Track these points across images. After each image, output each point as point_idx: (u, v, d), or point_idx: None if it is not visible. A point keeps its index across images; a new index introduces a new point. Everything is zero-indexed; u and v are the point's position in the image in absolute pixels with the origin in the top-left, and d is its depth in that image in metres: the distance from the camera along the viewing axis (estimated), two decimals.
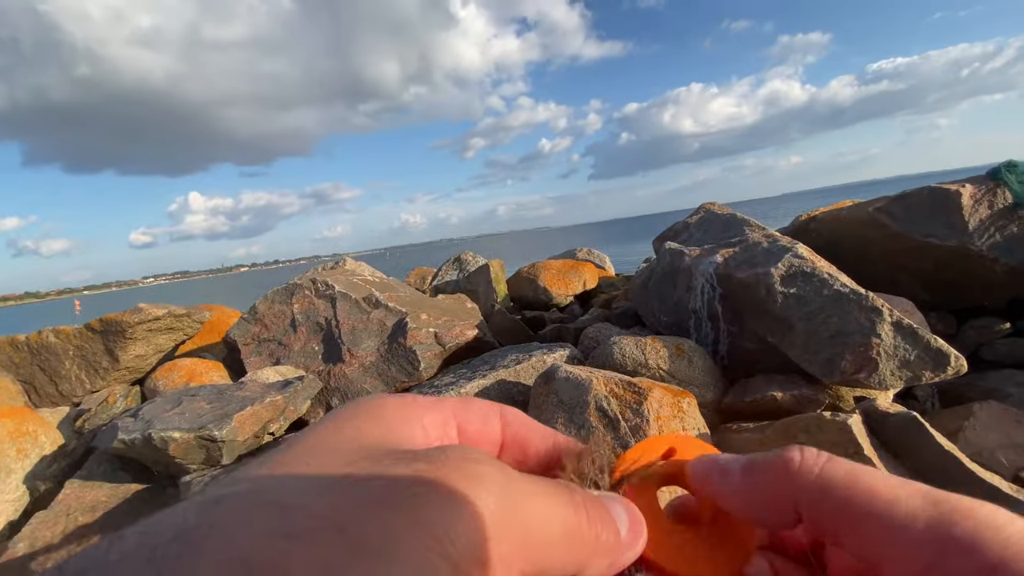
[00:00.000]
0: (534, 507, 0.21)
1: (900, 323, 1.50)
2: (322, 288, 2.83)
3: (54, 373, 3.11)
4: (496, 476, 0.20)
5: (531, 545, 0.20)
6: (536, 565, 0.20)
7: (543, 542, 0.20)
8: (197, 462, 1.68)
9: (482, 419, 0.27)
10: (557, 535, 0.21)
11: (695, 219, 3.12)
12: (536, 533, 0.20)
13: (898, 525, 0.20)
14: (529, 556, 0.20)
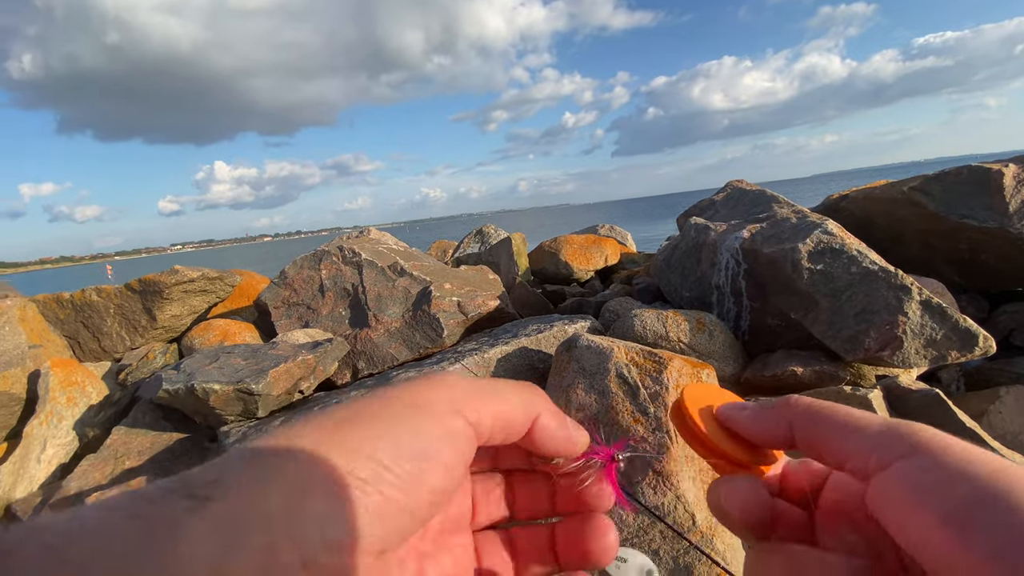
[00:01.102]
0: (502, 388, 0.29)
1: (929, 302, 1.49)
2: (349, 255, 2.90)
3: (96, 330, 3.27)
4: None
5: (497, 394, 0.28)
6: (502, 410, 0.28)
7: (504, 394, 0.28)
8: (235, 413, 1.78)
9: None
10: (511, 391, 0.29)
11: (721, 196, 3.08)
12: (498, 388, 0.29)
13: (856, 428, 0.26)
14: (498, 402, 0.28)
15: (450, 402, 0.26)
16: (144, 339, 3.25)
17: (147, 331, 3.22)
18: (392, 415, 0.24)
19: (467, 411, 0.26)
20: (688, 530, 1.22)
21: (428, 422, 0.25)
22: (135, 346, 3.26)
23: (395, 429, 0.23)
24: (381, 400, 0.25)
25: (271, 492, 0.19)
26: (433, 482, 0.24)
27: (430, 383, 0.27)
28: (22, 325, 2.86)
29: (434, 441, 0.24)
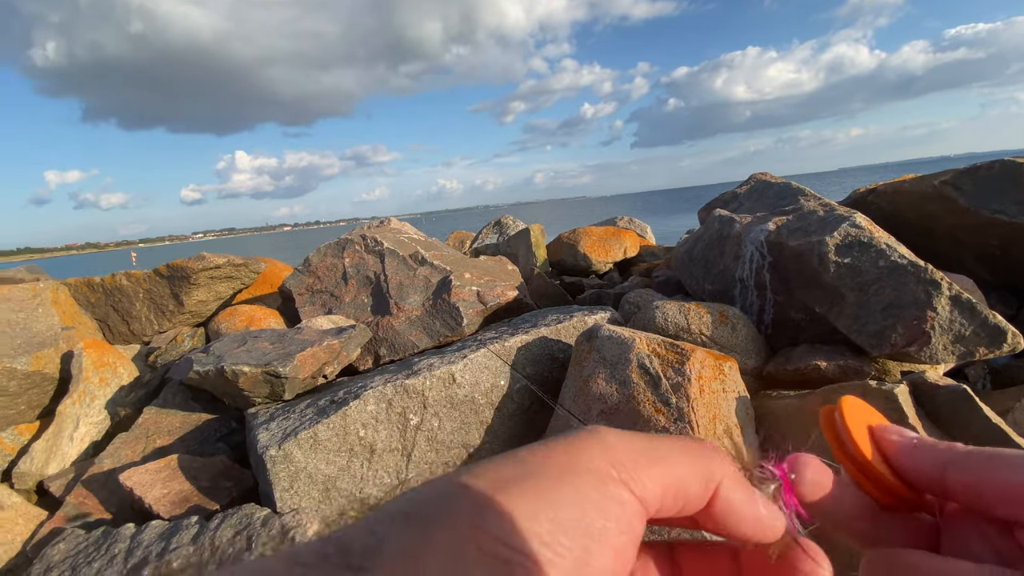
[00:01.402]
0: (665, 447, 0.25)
1: (959, 297, 1.46)
2: (371, 244, 2.93)
3: (126, 313, 3.37)
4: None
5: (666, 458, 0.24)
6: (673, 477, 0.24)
7: (674, 457, 0.24)
8: (262, 396, 1.82)
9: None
10: (680, 452, 0.25)
11: (745, 189, 3.05)
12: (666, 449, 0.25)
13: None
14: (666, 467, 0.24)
15: (612, 467, 0.23)
16: (171, 323, 3.33)
17: (174, 315, 3.31)
18: (549, 477, 0.21)
19: (632, 481, 0.22)
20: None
21: (590, 492, 0.21)
22: (163, 330, 3.35)
23: (553, 497, 0.21)
24: (535, 459, 0.22)
25: (431, 561, 0.18)
26: (600, 565, 0.21)
27: (587, 438, 0.23)
28: (55, 307, 2.95)
29: (598, 517, 0.21)
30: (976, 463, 0.25)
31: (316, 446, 1.52)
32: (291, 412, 1.66)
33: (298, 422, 1.58)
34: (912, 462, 0.27)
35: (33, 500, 2.20)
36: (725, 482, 0.25)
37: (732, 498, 0.25)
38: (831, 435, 0.29)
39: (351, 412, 1.58)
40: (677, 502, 0.24)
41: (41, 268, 5.00)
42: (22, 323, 2.77)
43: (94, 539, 1.55)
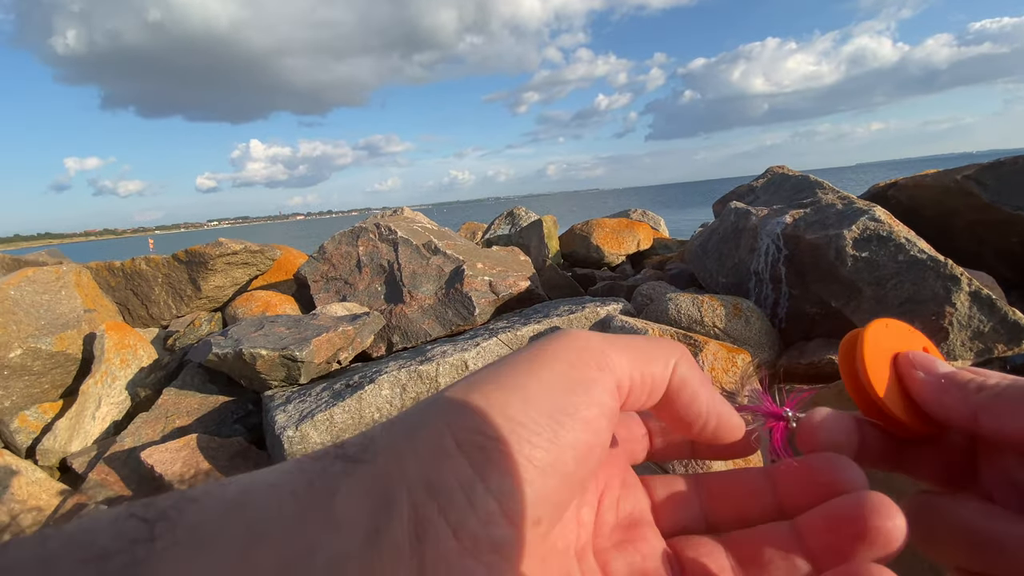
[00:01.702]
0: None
1: (978, 293, 1.45)
2: (385, 232, 2.96)
3: (145, 297, 3.44)
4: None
5: (631, 347, 0.25)
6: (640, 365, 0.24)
7: (639, 347, 0.25)
8: (278, 379, 1.86)
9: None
10: (644, 344, 0.25)
11: (761, 182, 3.01)
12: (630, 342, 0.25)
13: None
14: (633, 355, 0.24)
15: (581, 351, 0.23)
16: (189, 308, 3.40)
17: (192, 300, 3.37)
18: (520, 370, 0.22)
19: (601, 358, 0.23)
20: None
21: (559, 373, 0.22)
22: (180, 314, 3.41)
23: (521, 381, 0.21)
24: (510, 359, 0.23)
25: (410, 460, 0.19)
26: (576, 439, 0.21)
27: (558, 335, 0.24)
28: (78, 290, 3.02)
29: (570, 394, 0.22)
30: (1010, 406, 0.23)
31: (332, 428, 1.55)
32: (307, 395, 1.69)
33: (314, 405, 1.61)
34: (939, 403, 0.25)
35: (56, 476, 2.27)
36: (681, 361, 0.25)
37: (688, 375, 0.25)
38: (846, 364, 0.27)
39: (366, 396, 1.61)
40: (644, 383, 0.24)
41: (62, 252, 5.10)
42: (46, 305, 2.84)
43: None
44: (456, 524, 0.18)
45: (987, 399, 0.24)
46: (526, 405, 0.21)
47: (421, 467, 0.19)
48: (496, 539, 0.19)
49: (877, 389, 0.25)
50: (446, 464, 0.19)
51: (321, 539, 0.16)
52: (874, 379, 0.25)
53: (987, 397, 0.24)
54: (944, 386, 0.25)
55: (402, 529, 0.17)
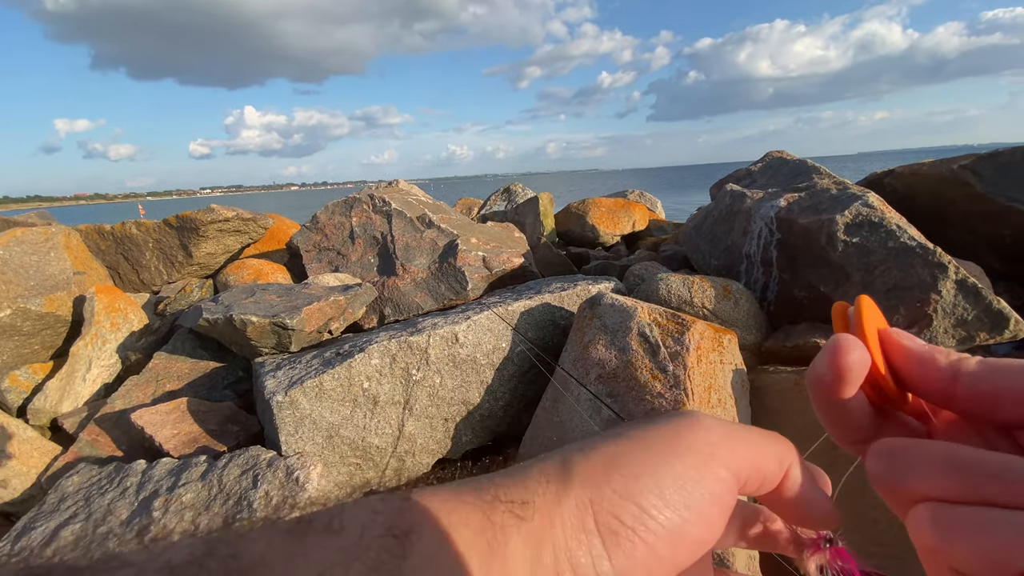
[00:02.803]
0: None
1: (964, 281, 1.46)
2: (379, 204, 2.93)
3: (135, 262, 3.41)
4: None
5: (750, 441, 0.27)
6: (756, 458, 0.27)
7: (757, 441, 0.28)
8: (269, 346, 1.87)
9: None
10: (760, 438, 0.28)
11: (759, 166, 3.00)
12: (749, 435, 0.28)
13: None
14: (750, 448, 0.27)
15: (709, 446, 0.26)
16: (180, 274, 3.38)
17: (183, 267, 3.35)
18: (655, 456, 0.25)
19: (727, 459, 0.26)
20: None
21: (690, 469, 0.25)
22: (171, 280, 3.39)
23: (658, 473, 0.25)
24: (645, 438, 0.26)
25: (559, 527, 0.24)
26: (696, 535, 0.24)
27: (690, 423, 0.27)
28: (67, 252, 2.99)
29: (696, 491, 0.25)
30: (990, 372, 0.25)
31: (321, 395, 1.56)
32: (297, 362, 1.70)
33: (304, 371, 1.62)
34: (923, 369, 0.27)
35: (47, 436, 2.29)
36: (793, 466, 0.28)
37: (798, 477, 0.28)
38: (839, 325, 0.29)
39: (356, 364, 1.62)
40: (757, 479, 0.27)
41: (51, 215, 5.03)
42: (35, 266, 2.81)
43: (107, 473, 1.62)
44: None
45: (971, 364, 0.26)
46: (659, 499, 0.24)
47: (565, 536, 0.23)
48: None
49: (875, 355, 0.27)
50: (583, 539, 0.23)
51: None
52: (872, 346, 0.27)
53: (971, 363, 0.26)
54: (930, 353, 0.27)
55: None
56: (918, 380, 0.27)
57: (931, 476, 0.24)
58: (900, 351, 0.28)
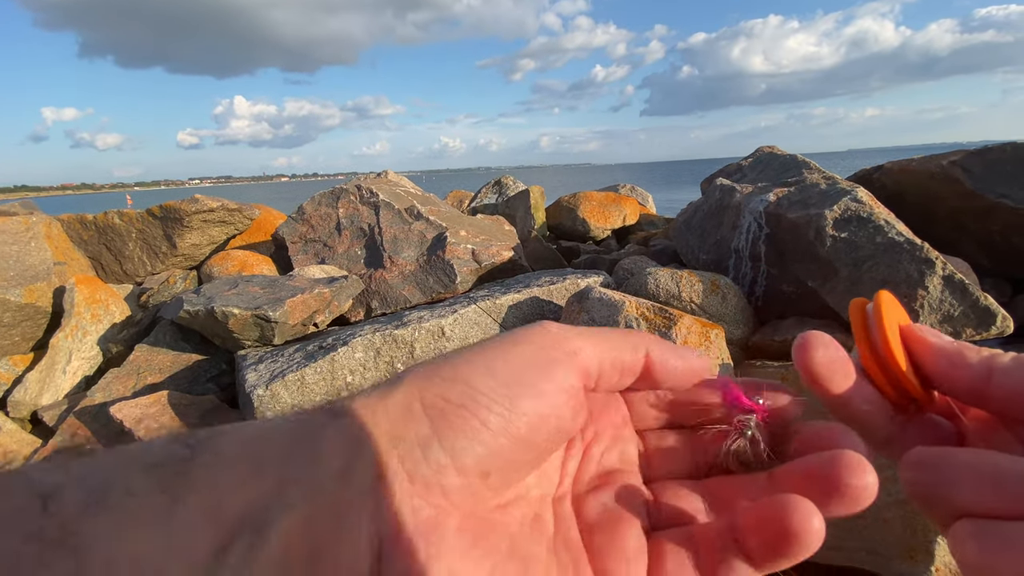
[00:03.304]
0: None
1: (951, 277, 1.46)
2: (367, 195, 2.89)
3: (118, 253, 3.35)
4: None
5: (596, 334, 0.27)
6: (605, 349, 0.27)
7: (602, 334, 0.28)
8: (252, 339, 1.83)
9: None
10: (609, 332, 0.28)
11: (749, 161, 2.99)
12: (594, 331, 0.28)
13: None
14: (596, 341, 0.27)
15: (550, 337, 0.26)
16: (164, 265, 3.32)
17: (167, 257, 3.29)
18: (490, 349, 0.25)
19: (567, 342, 0.26)
20: None
21: (524, 354, 0.25)
22: (155, 271, 3.34)
23: (488, 358, 0.24)
24: (484, 341, 0.26)
25: (381, 417, 0.23)
26: (535, 410, 0.24)
27: (533, 324, 0.27)
28: (47, 242, 2.93)
29: (529, 368, 0.24)
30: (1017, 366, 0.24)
31: (303, 388, 1.54)
32: (280, 355, 1.67)
33: (286, 365, 1.59)
34: (952, 366, 0.26)
35: (27, 428, 2.25)
36: (653, 346, 0.28)
37: (663, 357, 0.27)
38: (860, 331, 0.27)
39: (339, 358, 1.59)
40: (615, 368, 0.27)
41: (35, 204, 4.93)
42: (15, 256, 2.75)
43: None
44: (411, 471, 0.22)
45: (1003, 361, 0.25)
46: (489, 377, 0.24)
47: (389, 423, 0.22)
48: (445, 486, 0.22)
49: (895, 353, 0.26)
50: (410, 422, 0.22)
51: (305, 470, 0.20)
52: (892, 342, 0.26)
53: (1004, 359, 0.25)
54: (959, 350, 0.26)
55: (366, 470, 0.21)
56: (947, 378, 0.26)
57: (974, 491, 0.23)
58: (927, 348, 0.27)
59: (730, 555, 0.23)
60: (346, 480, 0.20)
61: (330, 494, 0.20)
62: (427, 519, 0.21)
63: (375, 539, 0.20)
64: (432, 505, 0.21)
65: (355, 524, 0.20)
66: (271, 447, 0.21)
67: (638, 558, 0.24)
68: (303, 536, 0.19)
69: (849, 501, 0.22)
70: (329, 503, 0.20)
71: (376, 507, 0.20)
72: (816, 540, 0.21)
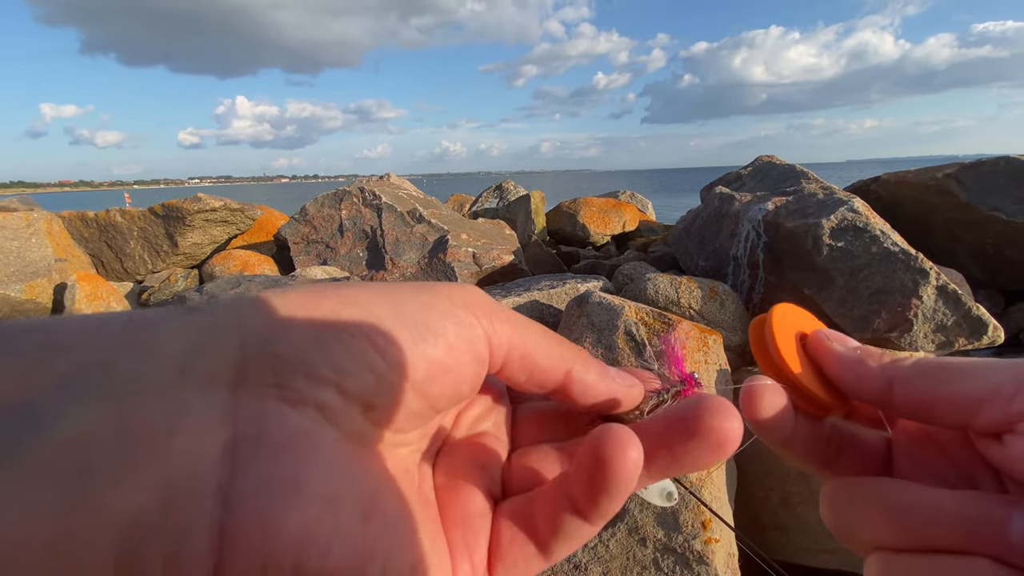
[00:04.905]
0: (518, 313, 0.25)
1: (945, 287, 1.49)
2: (369, 197, 2.91)
3: (119, 251, 3.36)
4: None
5: (511, 316, 0.23)
6: (515, 335, 0.23)
7: (522, 323, 0.23)
8: None
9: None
10: (533, 327, 0.24)
11: (749, 170, 3.03)
12: (515, 315, 0.23)
13: (986, 367, 0.22)
14: (508, 320, 0.23)
15: (471, 299, 0.22)
16: (165, 264, 3.33)
17: (168, 256, 3.30)
18: (403, 289, 0.22)
19: (483, 317, 0.22)
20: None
21: (437, 305, 0.21)
22: (156, 270, 3.35)
23: (395, 296, 0.21)
24: (398, 283, 0.22)
25: (251, 319, 0.18)
26: (431, 352, 0.20)
27: (455, 284, 0.23)
28: (48, 238, 2.94)
29: (440, 318, 0.21)
30: (923, 376, 0.23)
31: None
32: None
33: None
34: (855, 375, 0.25)
35: None
36: (576, 366, 0.24)
37: (585, 378, 0.24)
38: (756, 341, 0.27)
39: None
40: (524, 367, 0.23)
41: (34, 201, 4.94)
42: (16, 251, 2.76)
43: None
44: (283, 377, 0.17)
45: (902, 368, 0.24)
46: (395, 311, 0.20)
47: (263, 327, 0.18)
48: (321, 400, 0.18)
49: (788, 362, 0.25)
50: (293, 331, 0.18)
51: (124, 359, 0.16)
52: (784, 353, 0.25)
53: (902, 367, 0.24)
54: (860, 356, 0.25)
55: (223, 369, 0.17)
56: (852, 388, 0.25)
57: (871, 527, 0.23)
58: (829, 356, 0.26)
59: (561, 511, 0.21)
60: (187, 376, 0.16)
61: (160, 389, 0.16)
62: (299, 427, 0.17)
63: (229, 443, 0.16)
64: (307, 417, 0.18)
65: (196, 424, 0.16)
66: (73, 333, 0.16)
67: (479, 525, 0.23)
68: (110, 433, 0.14)
69: (712, 445, 0.21)
70: (158, 399, 0.15)
71: (231, 410, 0.16)
72: (631, 467, 0.20)
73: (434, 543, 0.21)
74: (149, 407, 0.15)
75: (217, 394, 0.16)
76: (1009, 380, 0.21)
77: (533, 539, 0.22)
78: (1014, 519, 0.20)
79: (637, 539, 1.25)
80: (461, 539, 0.22)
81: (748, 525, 1.60)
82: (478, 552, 0.22)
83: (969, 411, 0.22)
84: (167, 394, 0.16)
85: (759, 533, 1.62)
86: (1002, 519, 0.20)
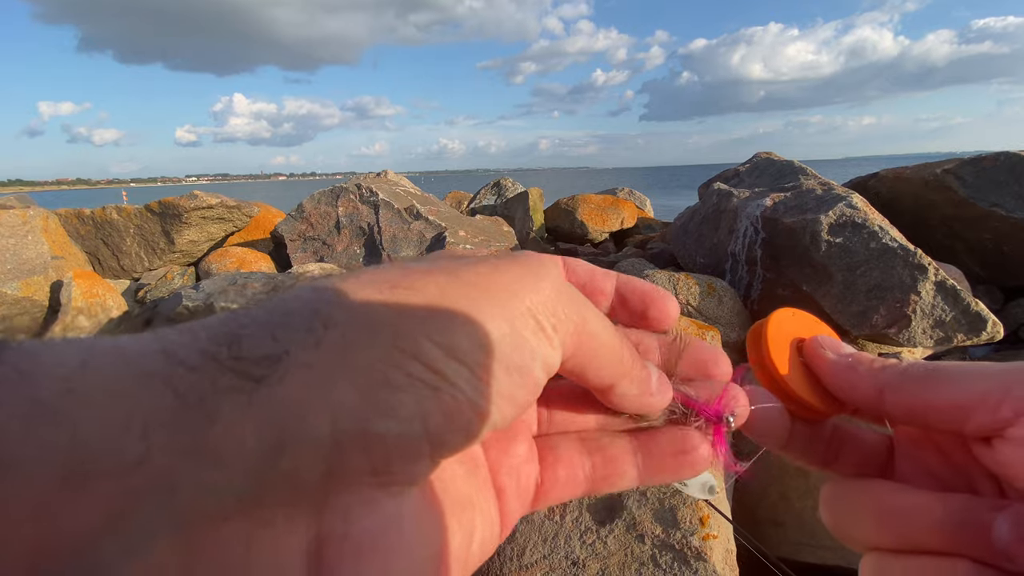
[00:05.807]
0: (591, 307, 0.22)
1: (943, 283, 1.48)
2: (366, 194, 2.90)
3: (116, 248, 3.35)
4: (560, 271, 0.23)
5: (585, 324, 0.20)
6: (581, 346, 0.20)
7: (592, 331, 0.21)
8: None
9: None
10: (603, 335, 0.21)
11: (747, 166, 3.02)
12: (589, 321, 0.21)
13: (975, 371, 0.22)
14: (581, 331, 0.20)
15: (547, 318, 0.19)
16: (162, 261, 3.32)
17: (165, 253, 3.29)
18: (481, 309, 0.18)
19: (563, 333, 0.20)
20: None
21: (519, 322, 0.19)
22: (153, 267, 3.33)
23: (486, 329, 0.18)
24: (472, 282, 0.19)
25: (344, 373, 0.15)
26: (523, 401, 0.19)
27: (525, 259, 0.21)
28: (44, 236, 2.93)
29: (520, 354, 0.18)
30: (913, 383, 0.23)
31: None
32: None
33: None
34: (847, 383, 0.25)
35: None
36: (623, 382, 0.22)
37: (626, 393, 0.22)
38: (754, 356, 0.26)
39: None
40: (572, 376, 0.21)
41: (31, 198, 4.91)
42: (12, 249, 2.75)
43: None
44: (379, 463, 0.15)
45: (892, 376, 0.24)
46: (487, 356, 0.17)
47: (356, 396, 0.15)
48: (414, 473, 0.17)
49: (780, 369, 0.25)
50: (387, 399, 0.15)
51: (184, 474, 0.13)
52: (777, 361, 0.25)
53: (892, 374, 0.24)
54: (851, 364, 0.25)
55: (312, 469, 0.14)
56: (845, 395, 0.25)
57: (866, 527, 0.23)
58: (822, 363, 0.26)
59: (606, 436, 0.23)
60: (266, 488, 0.14)
61: (235, 508, 0.13)
62: (388, 515, 0.16)
63: (313, 544, 0.14)
64: (395, 495, 0.16)
65: (274, 546, 0.14)
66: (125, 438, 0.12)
67: (525, 471, 0.22)
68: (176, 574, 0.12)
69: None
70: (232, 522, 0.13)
71: (317, 509, 0.15)
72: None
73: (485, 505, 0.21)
74: (221, 532, 0.13)
75: (304, 499, 0.14)
76: (996, 386, 0.21)
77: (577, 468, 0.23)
78: (997, 522, 0.20)
79: (635, 535, 1.24)
80: (513, 485, 0.22)
81: (746, 521, 1.60)
82: (526, 492, 0.23)
83: (959, 417, 0.22)
84: (244, 512, 0.13)
85: (757, 529, 1.62)
86: (987, 522, 0.21)
